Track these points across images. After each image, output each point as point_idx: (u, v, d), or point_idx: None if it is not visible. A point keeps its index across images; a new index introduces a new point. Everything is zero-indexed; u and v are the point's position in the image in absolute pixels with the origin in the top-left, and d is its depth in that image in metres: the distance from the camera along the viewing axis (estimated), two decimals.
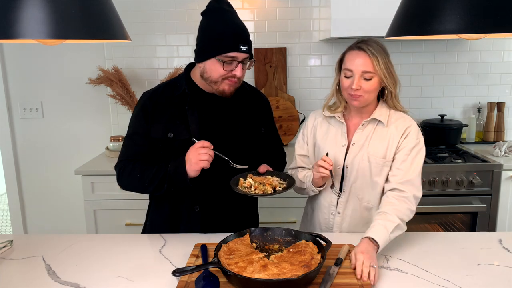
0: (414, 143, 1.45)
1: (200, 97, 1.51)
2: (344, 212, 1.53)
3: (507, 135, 2.94)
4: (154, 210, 1.62)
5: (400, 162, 1.45)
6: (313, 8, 2.83)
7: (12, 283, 1.20)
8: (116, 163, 1.54)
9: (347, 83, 1.43)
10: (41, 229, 3.07)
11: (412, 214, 1.40)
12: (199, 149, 1.36)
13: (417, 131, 1.48)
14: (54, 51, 2.85)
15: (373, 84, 1.42)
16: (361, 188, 1.50)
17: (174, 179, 1.40)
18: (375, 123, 1.50)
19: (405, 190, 1.40)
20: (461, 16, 0.89)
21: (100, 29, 1.01)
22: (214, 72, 1.42)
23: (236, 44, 1.39)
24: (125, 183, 1.52)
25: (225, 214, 1.55)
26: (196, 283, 1.12)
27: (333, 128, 1.56)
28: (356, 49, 1.42)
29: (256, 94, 1.65)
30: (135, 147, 1.51)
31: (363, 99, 1.44)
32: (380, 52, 1.40)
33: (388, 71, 1.42)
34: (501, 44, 2.87)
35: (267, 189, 1.39)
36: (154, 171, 1.44)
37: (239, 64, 1.42)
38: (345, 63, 1.45)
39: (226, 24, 1.40)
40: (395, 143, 1.47)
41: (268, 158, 1.59)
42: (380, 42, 1.45)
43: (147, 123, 1.49)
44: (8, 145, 2.95)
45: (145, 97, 1.54)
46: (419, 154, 1.46)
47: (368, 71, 1.40)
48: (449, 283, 1.16)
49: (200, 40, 1.45)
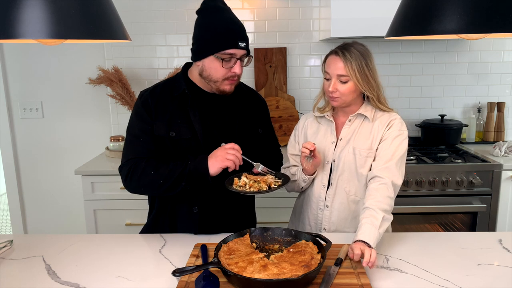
0: (397, 133, 1.51)
1: (200, 97, 1.51)
2: (332, 205, 1.56)
3: (507, 135, 2.94)
4: (155, 212, 1.61)
5: (382, 150, 1.50)
6: (313, 8, 2.83)
7: (12, 283, 1.20)
8: (122, 164, 1.48)
9: (326, 85, 1.52)
10: (41, 229, 3.07)
11: (392, 201, 1.43)
12: (228, 149, 1.38)
13: (400, 123, 1.54)
14: (54, 51, 2.85)
15: (349, 87, 1.48)
16: (348, 181, 1.54)
17: (194, 176, 1.39)
18: (362, 119, 1.57)
19: (383, 177, 1.44)
20: (461, 16, 0.89)
21: (100, 29, 1.01)
22: (214, 71, 1.42)
23: (234, 41, 1.39)
24: (135, 183, 1.44)
25: (222, 216, 1.55)
26: (196, 283, 1.12)
27: (322, 127, 1.62)
28: (334, 54, 1.50)
29: (253, 95, 1.66)
30: (143, 145, 1.47)
31: (341, 100, 1.51)
32: (356, 57, 1.45)
33: (363, 76, 1.47)
34: (501, 44, 2.87)
35: (262, 186, 1.40)
36: (169, 168, 1.41)
37: (238, 61, 1.42)
38: (325, 66, 1.54)
39: (223, 22, 1.40)
40: (379, 135, 1.53)
41: (264, 158, 1.59)
42: (362, 46, 1.50)
43: (151, 120, 1.47)
44: (8, 145, 2.95)
45: (145, 94, 1.51)
46: (401, 144, 1.50)
47: (342, 74, 1.47)
48: (449, 283, 1.16)
49: (197, 38, 1.45)
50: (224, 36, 1.38)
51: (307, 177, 1.55)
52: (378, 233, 1.31)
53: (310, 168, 1.52)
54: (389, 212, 1.40)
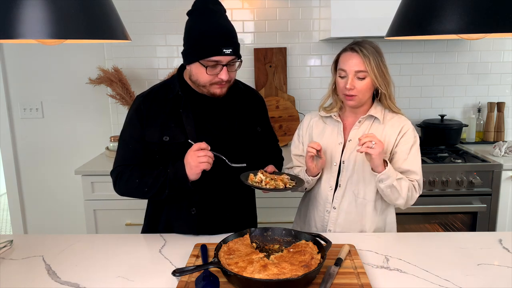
0: (412, 142, 1.53)
1: (194, 98, 1.48)
2: (339, 207, 1.55)
3: (507, 135, 2.94)
4: (150, 214, 1.60)
5: (402, 161, 1.51)
6: (313, 8, 2.83)
7: (12, 283, 1.20)
8: (112, 170, 1.51)
9: (342, 83, 1.49)
10: (41, 229, 3.07)
11: (413, 199, 1.49)
12: (197, 152, 1.35)
13: (412, 129, 1.57)
14: (54, 51, 2.85)
15: (367, 83, 1.47)
16: (357, 183, 1.53)
17: (175, 184, 1.38)
18: (371, 120, 1.56)
19: (410, 179, 1.50)
20: (461, 16, 0.89)
21: (100, 29, 1.01)
22: (200, 76, 1.40)
23: (217, 48, 1.34)
24: (122, 189, 1.49)
25: (221, 217, 1.53)
26: (196, 283, 1.12)
27: (329, 127, 1.60)
28: (350, 51, 1.48)
29: (250, 93, 1.63)
30: (131, 152, 1.48)
31: (357, 99, 1.49)
32: (373, 53, 1.46)
33: (380, 72, 1.47)
34: (501, 44, 2.87)
35: (279, 184, 1.41)
36: (153, 177, 1.41)
37: (224, 67, 1.38)
38: (339, 64, 1.51)
39: (209, 27, 1.36)
40: (392, 140, 1.53)
41: (265, 156, 1.59)
42: (374, 43, 1.50)
43: (142, 127, 1.46)
44: (8, 145, 2.95)
45: (139, 100, 1.50)
46: (418, 151, 1.54)
47: (361, 70, 1.45)
48: (449, 283, 1.16)
49: (185, 42, 1.43)
50: (208, 42, 1.35)
51: (311, 178, 1.54)
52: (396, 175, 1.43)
53: (314, 169, 1.51)
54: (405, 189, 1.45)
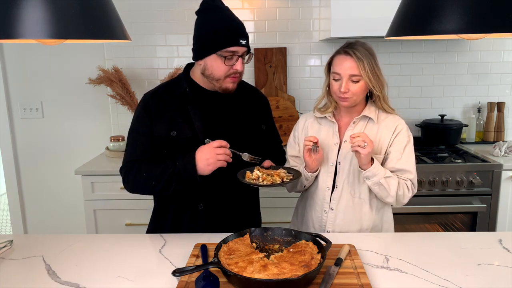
0: (406, 141, 1.55)
1: (201, 95, 1.52)
2: (337, 208, 1.56)
3: (507, 135, 2.94)
4: (158, 210, 1.62)
5: (396, 161, 1.52)
6: (313, 8, 2.83)
7: (12, 283, 1.20)
8: (121, 166, 1.53)
9: (336, 86, 1.50)
10: (41, 229, 3.07)
11: (405, 197, 1.51)
12: (217, 149, 1.38)
13: (406, 129, 1.57)
14: (54, 51, 2.85)
15: (361, 86, 1.48)
16: (353, 183, 1.54)
17: (183, 176, 1.40)
18: (366, 121, 1.56)
19: (404, 178, 1.51)
20: (461, 16, 0.89)
21: (100, 29, 1.01)
22: (216, 69, 1.44)
23: (235, 39, 1.41)
24: (131, 185, 1.51)
25: (228, 213, 1.55)
26: (196, 283, 1.12)
27: (324, 128, 1.61)
28: (343, 53, 1.48)
29: (255, 92, 1.68)
30: (140, 148, 1.51)
31: (352, 100, 1.50)
32: (366, 56, 1.46)
33: (374, 74, 1.47)
34: (501, 44, 2.87)
35: (276, 179, 1.41)
36: (160, 170, 1.43)
37: (239, 58, 1.43)
38: (333, 67, 1.51)
39: (223, 20, 1.43)
40: (386, 140, 1.54)
41: (269, 154, 1.60)
42: (367, 44, 1.50)
43: (150, 122, 1.50)
44: (8, 145, 2.95)
45: (147, 97, 1.54)
46: (412, 150, 1.56)
47: (355, 74, 1.45)
48: (449, 283, 1.16)
49: (198, 38, 1.47)
50: (225, 34, 1.40)
51: (310, 174, 1.54)
52: (384, 172, 1.45)
53: (313, 163, 1.51)
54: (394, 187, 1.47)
